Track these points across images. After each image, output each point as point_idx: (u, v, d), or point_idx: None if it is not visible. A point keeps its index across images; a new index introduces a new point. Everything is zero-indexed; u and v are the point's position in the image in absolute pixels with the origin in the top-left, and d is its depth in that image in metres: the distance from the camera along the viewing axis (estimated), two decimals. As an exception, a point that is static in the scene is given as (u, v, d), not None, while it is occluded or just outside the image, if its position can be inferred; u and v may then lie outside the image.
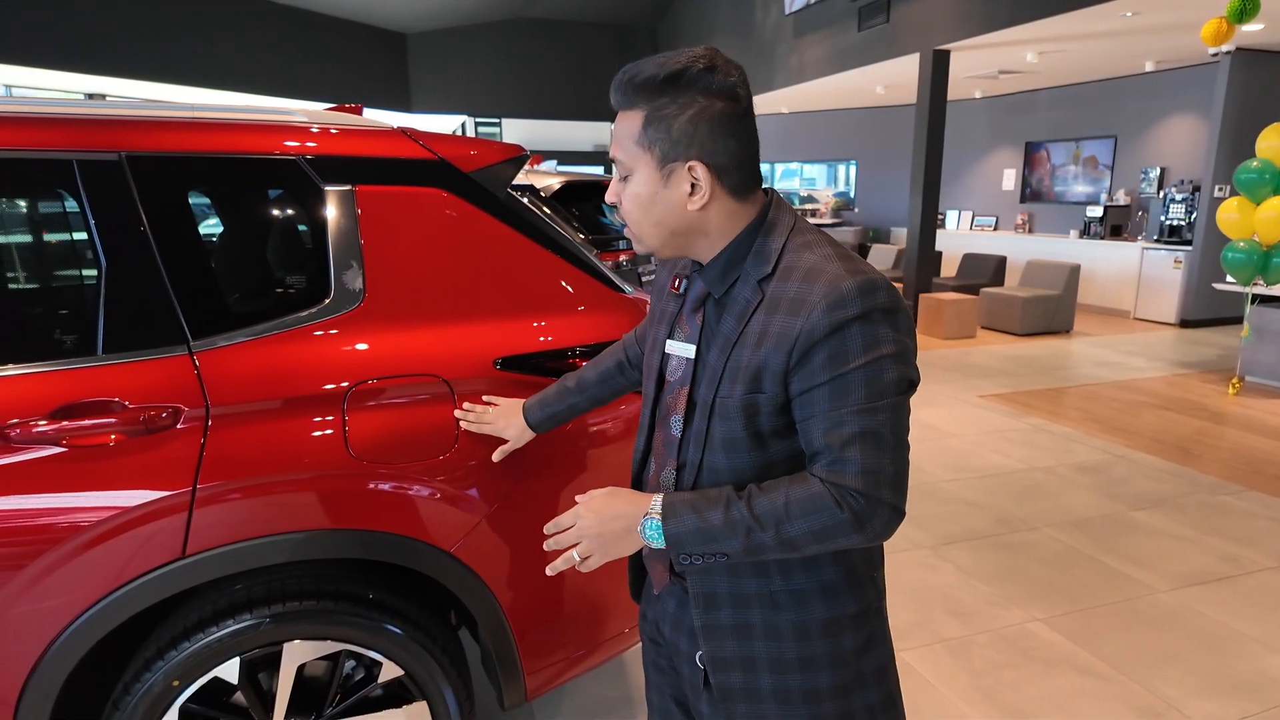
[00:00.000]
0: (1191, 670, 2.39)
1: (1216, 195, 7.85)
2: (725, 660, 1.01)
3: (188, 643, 1.37)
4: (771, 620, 0.99)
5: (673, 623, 1.11)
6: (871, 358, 0.87)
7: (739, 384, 0.94)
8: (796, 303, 0.90)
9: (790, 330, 0.90)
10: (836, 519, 0.87)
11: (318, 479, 1.39)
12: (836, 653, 0.99)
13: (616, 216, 1.14)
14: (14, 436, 1.24)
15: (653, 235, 0.98)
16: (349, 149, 1.50)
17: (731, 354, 0.95)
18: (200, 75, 10.53)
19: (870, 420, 0.87)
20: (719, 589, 1.00)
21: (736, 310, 0.96)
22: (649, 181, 0.95)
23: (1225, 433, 4.78)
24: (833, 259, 0.92)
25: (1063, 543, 3.26)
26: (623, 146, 0.95)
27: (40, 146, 1.30)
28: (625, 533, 0.95)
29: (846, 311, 0.87)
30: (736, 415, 0.94)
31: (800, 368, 0.90)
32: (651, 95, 0.91)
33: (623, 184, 0.98)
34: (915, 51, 8.07)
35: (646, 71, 0.91)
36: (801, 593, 0.98)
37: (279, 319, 1.42)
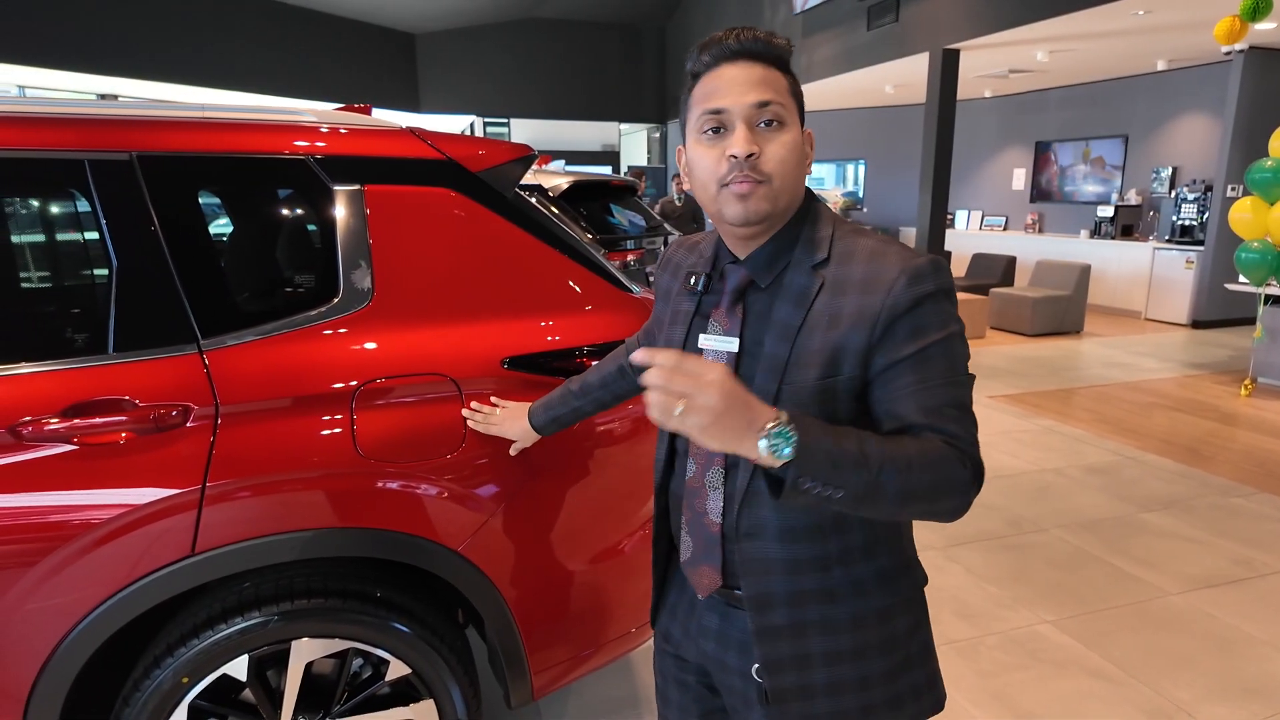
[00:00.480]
0: (1202, 673, 2.37)
1: (1229, 195, 7.79)
2: (779, 662, 0.98)
3: (197, 640, 1.38)
4: (829, 615, 0.97)
5: (717, 638, 1.06)
6: (948, 332, 0.90)
7: (812, 369, 0.91)
8: (870, 282, 0.91)
9: (870, 307, 0.89)
10: (959, 474, 0.86)
11: (326, 477, 1.40)
12: (889, 638, 0.99)
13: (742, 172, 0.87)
14: (26, 434, 1.25)
15: (790, 193, 0.94)
16: (358, 149, 1.51)
17: (797, 341, 0.92)
18: (211, 75, 10.59)
19: (957, 392, 0.90)
20: (775, 588, 0.97)
21: (793, 297, 0.94)
22: (799, 136, 0.94)
23: (1237, 434, 4.75)
24: (889, 243, 0.94)
25: (1072, 544, 3.25)
26: (780, 93, 0.92)
27: (53, 146, 1.31)
28: (741, 429, 0.77)
29: (924, 287, 0.89)
30: (811, 402, 0.91)
31: (883, 343, 0.89)
32: (785, 63, 0.94)
33: (767, 131, 0.92)
34: (924, 51, 8.04)
35: (779, 42, 0.93)
36: (860, 582, 0.98)
37: (288, 318, 1.43)
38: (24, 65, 8.61)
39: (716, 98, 0.92)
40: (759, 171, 0.91)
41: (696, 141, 0.95)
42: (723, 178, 0.92)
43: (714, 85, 0.92)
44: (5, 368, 1.27)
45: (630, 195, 5.54)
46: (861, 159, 13.17)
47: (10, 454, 1.24)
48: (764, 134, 0.92)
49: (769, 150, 0.91)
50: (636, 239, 5.21)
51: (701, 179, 0.95)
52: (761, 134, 0.92)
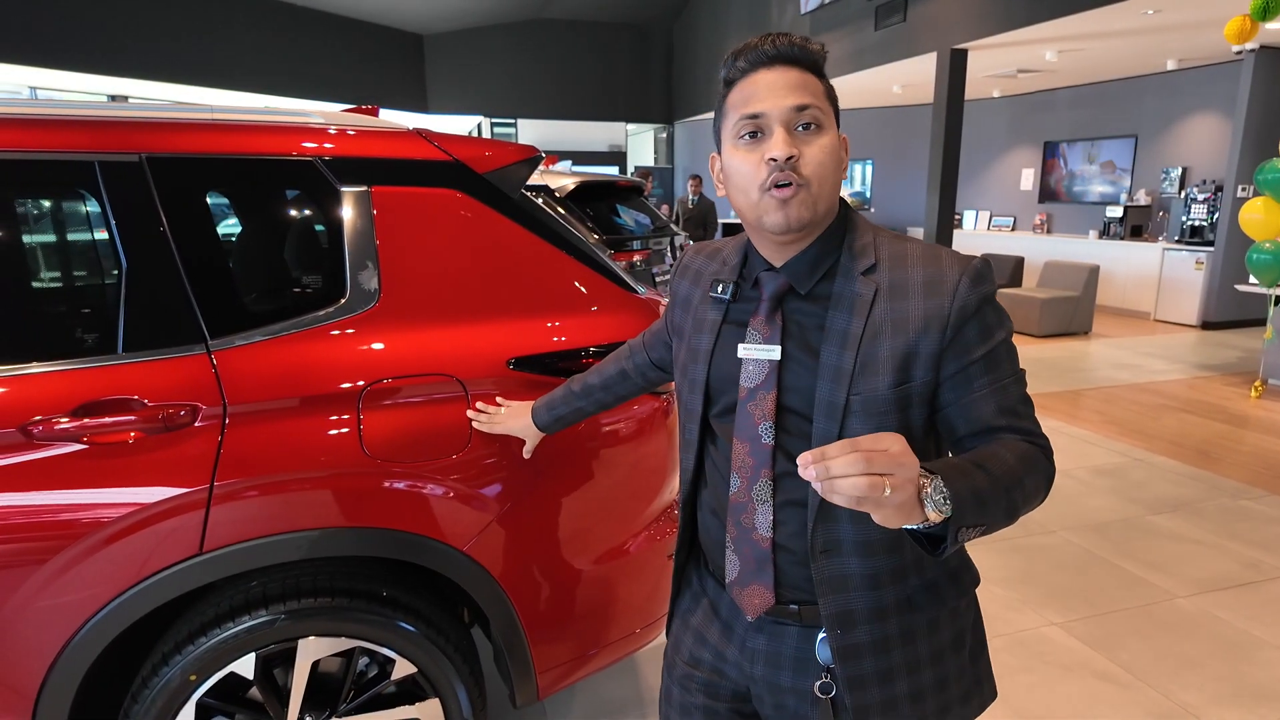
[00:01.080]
0: (1211, 677, 2.36)
1: (1239, 195, 7.74)
2: (862, 678, 0.96)
3: (204, 638, 1.39)
4: (909, 624, 0.97)
5: (767, 660, 1.02)
6: (1007, 331, 0.94)
7: (884, 376, 0.90)
8: (933, 284, 0.91)
9: (938, 310, 0.90)
10: (1049, 470, 0.91)
11: (333, 477, 1.41)
12: (958, 635, 1.01)
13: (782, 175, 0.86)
14: (36, 433, 1.26)
15: (828, 198, 0.93)
16: (365, 150, 1.51)
17: (861, 349, 0.90)
18: (220, 76, 10.65)
19: (1021, 387, 0.94)
20: (856, 605, 0.95)
21: (848, 305, 0.92)
22: (837, 139, 0.93)
23: (1247, 436, 4.71)
24: (935, 247, 0.96)
25: (1080, 546, 3.23)
26: (818, 97, 0.91)
27: (63, 148, 1.32)
28: (914, 496, 0.74)
29: (985, 288, 0.92)
30: (889, 409, 0.90)
31: (954, 344, 0.91)
32: (820, 70, 0.94)
33: (805, 135, 0.90)
34: (932, 51, 8.02)
35: (815, 47, 0.93)
36: (935, 585, 0.99)
37: (295, 318, 1.43)
38: (35, 67, 8.68)
39: (754, 102, 0.90)
40: (799, 174, 0.89)
41: (734, 148, 0.93)
42: (764, 182, 0.90)
43: (751, 90, 0.91)
44: (16, 367, 1.28)
45: (637, 196, 5.54)
46: (869, 159, 13.15)
47: (21, 453, 1.26)
48: (802, 137, 0.90)
49: (808, 153, 0.90)
50: (643, 239, 5.21)
51: (741, 185, 0.93)
52: (800, 137, 0.90)
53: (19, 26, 8.43)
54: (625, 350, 1.39)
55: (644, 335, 1.36)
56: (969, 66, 8.08)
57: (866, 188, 13.34)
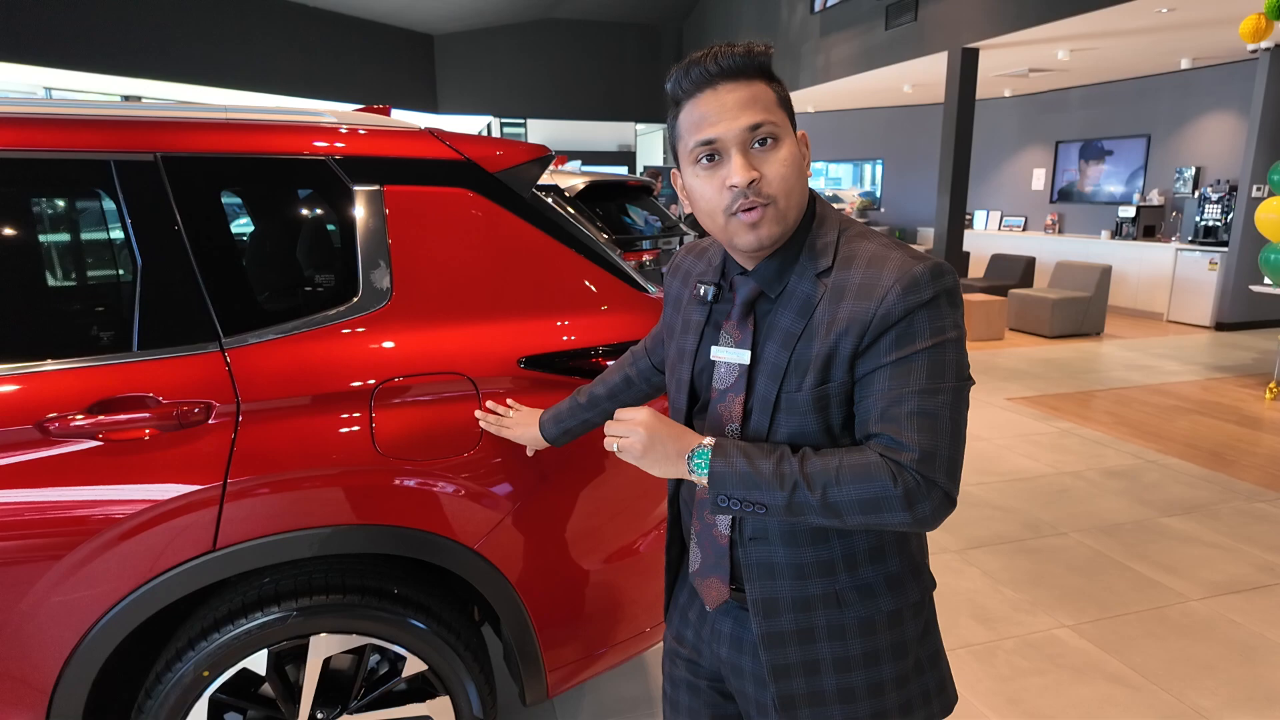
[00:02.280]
0: (1225, 681, 2.34)
1: (1254, 195, 7.67)
2: (787, 667, 0.98)
3: (217, 634, 1.40)
4: (837, 620, 0.97)
5: (731, 643, 1.06)
6: (936, 341, 0.88)
7: (809, 376, 0.92)
8: (866, 287, 0.90)
9: (863, 314, 0.89)
10: (888, 491, 0.86)
11: (345, 475, 1.41)
12: (899, 643, 0.99)
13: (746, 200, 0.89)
14: (52, 430, 1.27)
15: (796, 207, 0.93)
16: (377, 149, 1.52)
17: (796, 349, 0.93)
18: (233, 77, 10.72)
19: (930, 401, 0.87)
20: (780, 594, 0.97)
21: (796, 306, 0.94)
22: (795, 145, 0.92)
23: (1262, 438, 4.67)
24: (892, 246, 0.93)
25: (1092, 548, 3.21)
26: (769, 110, 0.90)
27: (79, 147, 1.34)
28: (673, 457, 0.93)
29: (920, 295, 0.88)
30: (808, 409, 0.92)
31: (869, 350, 0.89)
32: (768, 71, 0.92)
33: (762, 152, 0.90)
34: (943, 50, 7.98)
35: (759, 51, 0.91)
36: (868, 587, 0.97)
37: (308, 317, 1.44)
38: (51, 67, 8.76)
39: (706, 127, 0.89)
40: (762, 195, 0.89)
41: (693, 173, 0.93)
42: (728, 207, 0.90)
43: (702, 113, 0.90)
44: (33, 365, 1.29)
45: (646, 195, 5.54)
46: (879, 159, 13.10)
47: (38, 449, 1.27)
48: (760, 155, 0.90)
49: (769, 171, 0.89)
50: (652, 239, 5.21)
51: (706, 209, 0.93)
52: (757, 155, 0.89)
53: (35, 28, 8.51)
54: (629, 357, 1.39)
55: (646, 341, 1.37)
56: (980, 66, 8.04)
57: (876, 188, 13.29)
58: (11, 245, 1.37)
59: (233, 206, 1.49)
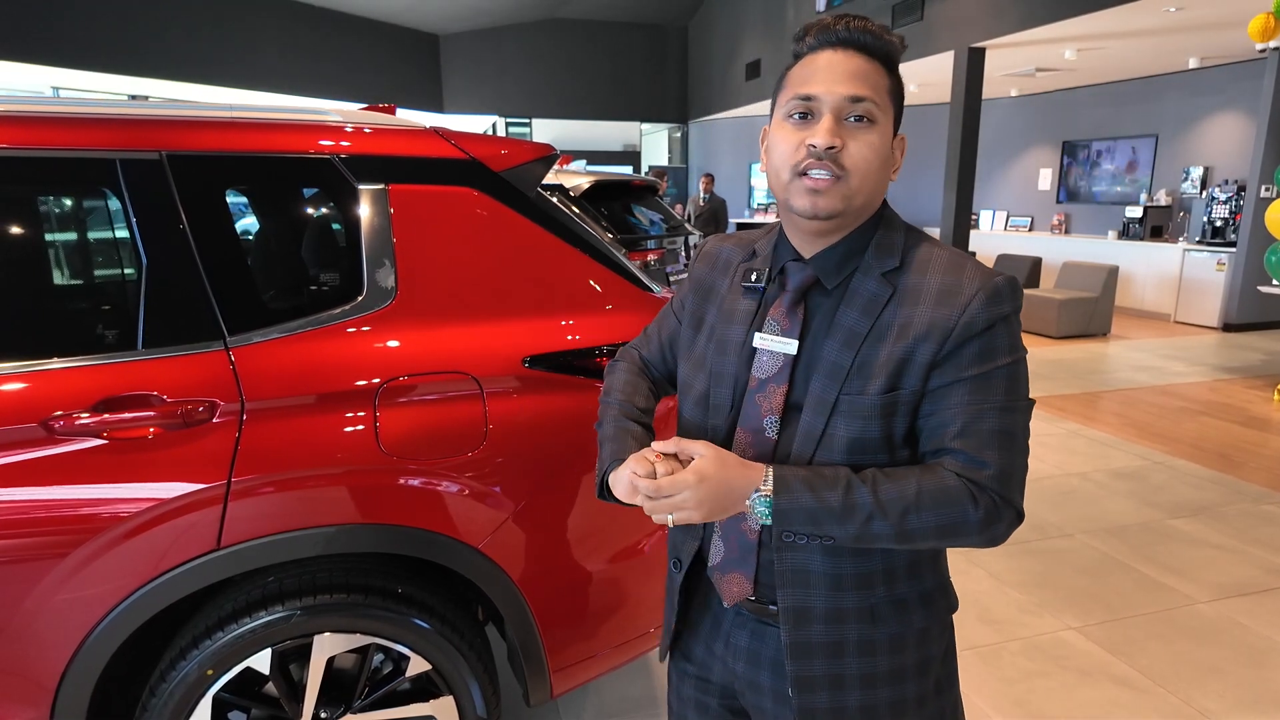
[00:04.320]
0: (1232, 684, 2.33)
1: (1263, 195, 7.62)
2: (811, 679, 0.95)
3: (221, 633, 1.40)
4: (868, 635, 0.94)
5: (748, 657, 1.01)
6: (1016, 358, 0.88)
7: (876, 380, 0.88)
8: (948, 294, 0.87)
9: (945, 321, 0.86)
10: (967, 516, 0.85)
11: (349, 474, 1.41)
12: (924, 661, 0.97)
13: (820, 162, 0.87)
14: (58, 429, 1.27)
15: (866, 194, 0.89)
16: (382, 148, 1.52)
17: (862, 349, 0.89)
18: (239, 76, 10.75)
19: (1008, 420, 0.87)
20: (814, 604, 0.93)
21: (861, 304, 0.90)
22: (889, 137, 0.90)
23: (1270, 440, 4.64)
24: (963, 256, 0.91)
25: (1099, 550, 3.19)
26: (877, 91, 0.87)
27: (85, 146, 1.34)
28: (731, 504, 0.87)
29: (1002, 308, 0.87)
30: (873, 414, 0.88)
31: (950, 359, 0.86)
32: (893, 61, 0.90)
33: (854, 127, 0.87)
34: (950, 49, 7.96)
35: (890, 38, 0.89)
36: (903, 602, 0.95)
37: (313, 315, 1.44)
38: (58, 67, 8.79)
39: (811, 83, 0.88)
40: (838, 165, 0.87)
41: (781, 123, 0.91)
42: (798, 165, 0.88)
43: (811, 70, 0.89)
44: (37, 363, 1.30)
45: (651, 195, 5.54)
46: (884, 159, 13.06)
47: (43, 448, 1.27)
48: (851, 129, 0.87)
49: (852, 146, 0.87)
50: (657, 239, 5.21)
51: (775, 163, 0.91)
52: (848, 129, 0.87)
53: (42, 28, 8.55)
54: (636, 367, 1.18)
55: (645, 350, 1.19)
56: (986, 65, 8.01)
57: (882, 187, 13.26)
58: (17, 244, 1.37)
59: (238, 205, 1.49)
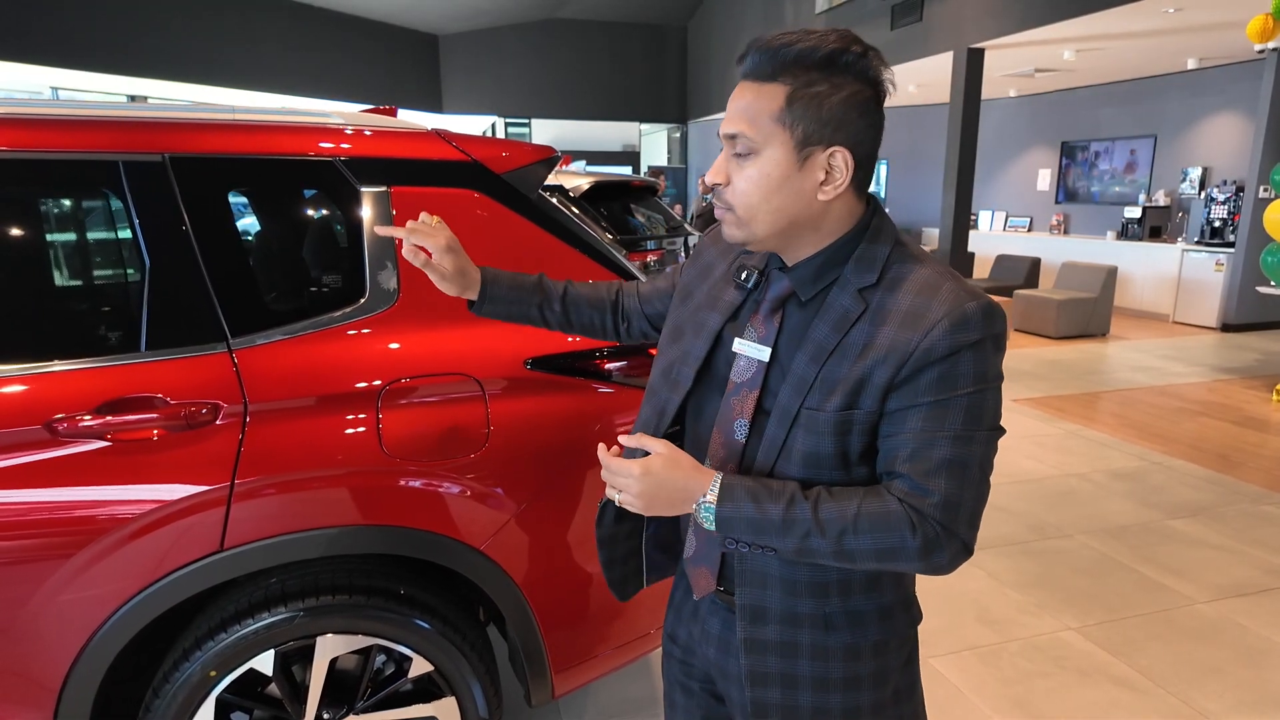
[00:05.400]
0: (1232, 684, 2.33)
1: (1261, 196, 7.64)
2: (765, 675, 0.97)
3: (224, 634, 1.40)
4: (821, 641, 0.95)
5: (718, 644, 1.04)
6: (978, 388, 0.85)
7: (835, 397, 0.88)
8: (913, 316, 0.85)
9: (904, 345, 0.84)
10: (905, 543, 0.84)
11: (352, 475, 1.42)
12: (881, 671, 0.97)
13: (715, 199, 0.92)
14: (61, 431, 1.27)
15: (765, 223, 0.89)
16: (384, 150, 1.52)
17: (826, 364, 0.89)
18: (237, 77, 10.75)
19: (962, 449, 0.85)
20: (770, 604, 0.96)
21: (833, 318, 0.90)
22: (781, 163, 0.86)
23: (1268, 440, 4.65)
24: (946, 276, 0.88)
25: (1098, 551, 3.20)
26: (754, 121, 0.86)
27: (88, 148, 1.34)
28: (676, 504, 0.90)
29: (968, 335, 0.84)
30: (827, 431, 0.88)
31: (905, 384, 0.85)
32: (803, 71, 0.85)
33: (738, 161, 0.88)
34: (949, 50, 7.97)
35: (802, 44, 0.84)
36: (859, 614, 0.95)
37: (316, 318, 1.44)
38: (57, 67, 8.79)
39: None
40: (723, 200, 0.91)
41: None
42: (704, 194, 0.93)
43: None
44: (41, 365, 1.30)
45: (651, 196, 5.55)
46: (884, 158, 13.08)
47: (47, 450, 1.27)
48: (736, 163, 0.89)
49: (735, 180, 0.89)
50: (657, 239, 5.21)
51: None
52: (734, 163, 0.89)
53: (41, 27, 8.54)
54: (612, 286, 1.29)
55: (640, 286, 1.29)
56: (985, 66, 8.02)
57: (881, 187, 13.27)
58: (21, 246, 1.37)
59: (240, 207, 1.50)
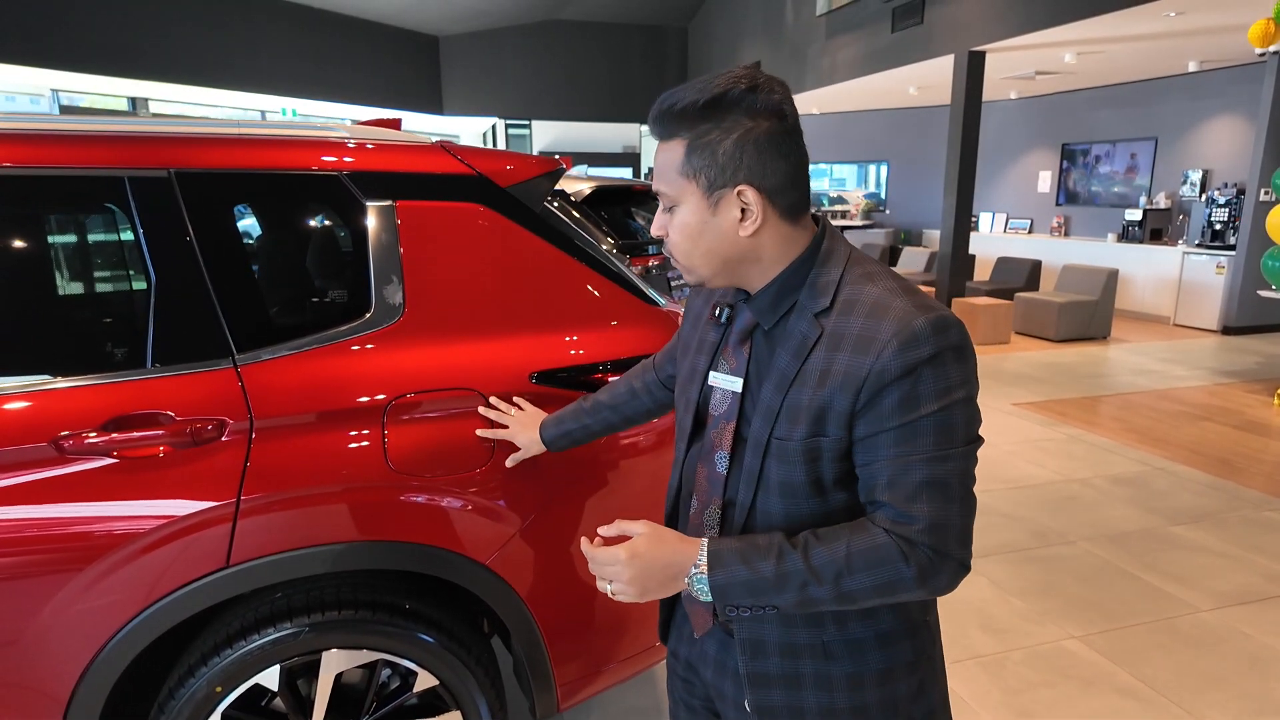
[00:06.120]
0: (1235, 694, 2.33)
1: (1262, 199, 7.64)
2: (772, 708, 0.98)
3: (230, 650, 1.40)
4: (824, 670, 0.95)
5: (715, 666, 1.06)
6: (944, 404, 0.84)
7: (800, 425, 0.88)
8: (864, 340, 0.85)
9: (858, 370, 0.85)
10: (901, 574, 0.84)
11: (358, 491, 1.41)
12: (889, 699, 0.97)
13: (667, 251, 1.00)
14: (67, 447, 1.27)
15: (704, 265, 0.93)
16: (389, 164, 1.52)
17: (789, 393, 0.90)
18: (237, 79, 10.74)
19: (940, 469, 0.84)
20: (768, 637, 0.96)
21: (792, 346, 0.91)
22: (697, 210, 0.90)
23: (1270, 445, 4.65)
24: (898, 293, 0.88)
25: (1100, 557, 3.20)
26: (665, 178, 0.91)
27: (93, 164, 1.34)
28: (668, 582, 0.90)
29: (920, 352, 0.83)
30: (797, 459, 0.89)
31: (868, 410, 0.85)
32: (693, 122, 0.88)
33: (669, 215, 0.94)
34: (950, 53, 7.97)
35: (686, 98, 0.87)
36: (857, 642, 0.95)
37: (321, 333, 1.44)
38: (58, 69, 8.78)
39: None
40: (666, 249, 0.97)
41: None
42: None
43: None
44: (47, 382, 1.30)
45: (652, 200, 5.54)
46: (884, 160, 13.08)
47: (53, 467, 1.27)
48: (666, 217, 0.95)
49: (670, 231, 0.94)
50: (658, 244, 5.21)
51: None
52: (665, 217, 0.95)
53: (41, 29, 8.54)
54: (638, 369, 1.39)
55: (657, 355, 1.37)
56: (986, 68, 8.02)
57: (882, 189, 13.27)
58: (27, 262, 1.37)
59: (246, 222, 1.50)
